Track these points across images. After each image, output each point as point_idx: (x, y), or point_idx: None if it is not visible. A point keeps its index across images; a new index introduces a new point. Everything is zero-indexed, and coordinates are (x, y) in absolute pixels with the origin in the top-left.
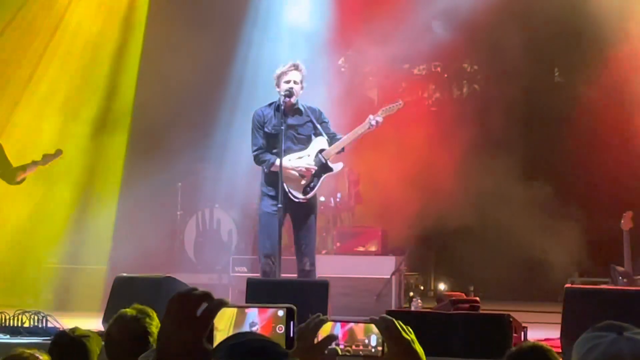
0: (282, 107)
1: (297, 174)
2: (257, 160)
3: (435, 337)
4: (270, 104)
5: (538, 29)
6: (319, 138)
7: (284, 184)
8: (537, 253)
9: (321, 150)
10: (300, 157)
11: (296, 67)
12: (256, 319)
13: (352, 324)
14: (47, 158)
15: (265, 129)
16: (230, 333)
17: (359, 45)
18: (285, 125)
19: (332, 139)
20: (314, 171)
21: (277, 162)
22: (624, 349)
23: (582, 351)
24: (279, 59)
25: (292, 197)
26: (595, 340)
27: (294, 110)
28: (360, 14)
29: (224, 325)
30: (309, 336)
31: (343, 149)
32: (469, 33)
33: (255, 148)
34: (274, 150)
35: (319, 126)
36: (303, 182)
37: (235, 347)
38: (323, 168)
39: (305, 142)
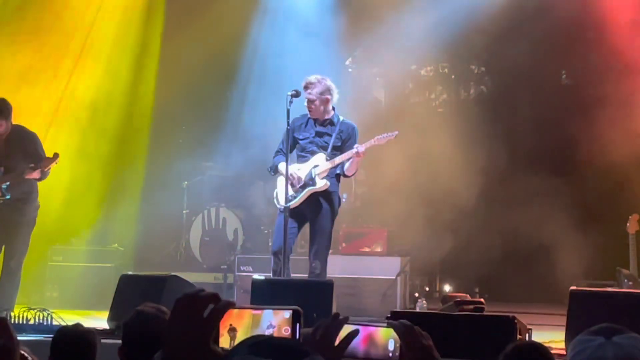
0: (307, 118)
1: (289, 182)
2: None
3: (440, 338)
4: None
5: (546, 30)
6: (319, 154)
7: (276, 189)
8: (543, 255)
9: (315, 166)
10: (299, 169)
11: (308, 83)
12: (274, 321)
13: (371, 329)
14: (46, 162)
15: (295, 134)
16: (249, 334)
17: (366, 45)
18: (314, 132)
19: (331, 159)
20: (301, 183)
21: (280, 166)
22: (609, 353)
23: (571, 354)
24: (287, 61)
25: (276, 202)
26: (584, 344)
27: (326, 121)
28: (368, 14)
29: (241, 327)
30: (331, 336)
31: (345, 173)
32: (476, 34)
33: (277, 149)
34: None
35: (338, 142)
36: (291, 191)
37: (258, 345)
38: (310, 182)
39: (327, 149)
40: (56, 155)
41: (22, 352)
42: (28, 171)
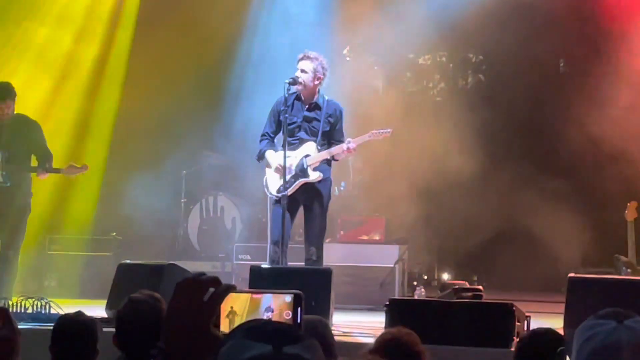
0: (295, 96)
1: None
2: (259, 146)
3: (438, 325)
4: (294, 92)
5: (544, 19)
6: (309, 143)
7: (265, 177)
8: (541, 243)
9: (306, 156)
10: (289, 156)
11: (306, 57)
12: (272, 305)
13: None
14: (72, 169)
15: (281, 117)
16: (247, 318)
17: (364, 34)
18: (302, 116)
19: (322, 147)
20: (292, 173)
21: (267, 154)
22: (623, 337)
23: (582, 339)
24: (284, 48)
25: (266, 190)
26: (595, 329)
27: (312, 104)
28: (366, 2)
29: (240, 310)
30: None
31: (333, 158)
32: (474, 22)
33: (262, 132)
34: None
35: (327, 127)
36: (281, 179)
37: (253, 329)
38: (302, 173)
39: (316, 135)
40: (85, 167)
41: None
42: (41, 172)
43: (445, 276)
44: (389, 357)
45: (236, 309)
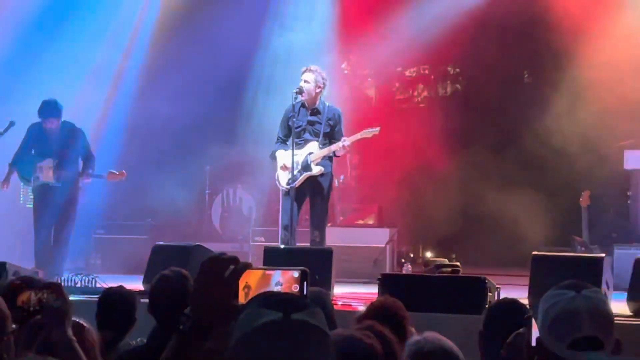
0: (300, 104)
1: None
2: (273, 147)
3: (422, 295)
4: (299, 101)
5: (511, 35)
6: (312, 142)
7: (277, 172)
8: (509, 226)
9: (310, 153)
10: (296, 154)
11: (308, 70)
12: (281, 279)
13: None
14: (111, 176)
15: (289, 123)
16: (260, 291)
17: (359, 51)
18: (306, 121)
19: (323, 146)
20: (294, 169)
21: (277, 153)
22: (581, 305)
23: (546, 306)
24: (292, 66)
25: (278, 184)
26: (556, 298)
27: (314, 109)
28: (360, 25)
29: (254, 284)
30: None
31: (335, 154)
32: (452, 40)
33: (277, 136)
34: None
35: (327, 129)
36: (289, 174)
37: (266, 299)
38: (305, 168)
39: (319, 136)
40: (123, 174)
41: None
42: (85, 177)
43: (429, 254)
44: (377, 320)
45: (251, 283)
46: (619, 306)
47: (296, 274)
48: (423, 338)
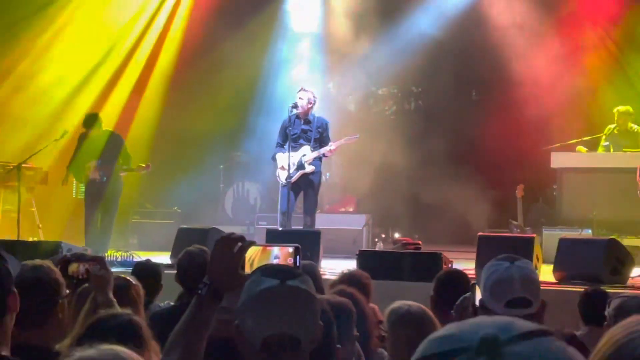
0: (295, 115)
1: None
2: (274, 150)
3: (392, 267)
4: (294, 113)
5: (462, 61)
6: (305, 146)
7: (277, 170)
8: (460, 212)
9: (303, 155)
10: (292, 156)
11: (303, 89)
12: (279, 254)
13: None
14: (139, 168)
15: (287, 131)
16: (262, 263)
17: (342, 73)
18: (300, 129)
19: (314, 149)
20: (291, 168)
21: (277, 155)
22: (514, 273)
23: (485, 275)
24: (289, 87)
25: (278, 179)
26: (494, 267)
27: (306, 120)
28: (342, 53)
29: (257, 258)
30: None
31: (324, 155)
32: (415, 65)
33: (276, 142)
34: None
35: (317, 135)
36: (287, 173)
37: (267, 269)
38: (300, 167)
39: (310, 141)
40: (149, 166)
41: (129, 278)
42: (122, 172)
43: (397, 235)
44: (346, 284)
45: (254, 257)
46: (546, 275)
47: (291, 250)
48: (402, 303)
